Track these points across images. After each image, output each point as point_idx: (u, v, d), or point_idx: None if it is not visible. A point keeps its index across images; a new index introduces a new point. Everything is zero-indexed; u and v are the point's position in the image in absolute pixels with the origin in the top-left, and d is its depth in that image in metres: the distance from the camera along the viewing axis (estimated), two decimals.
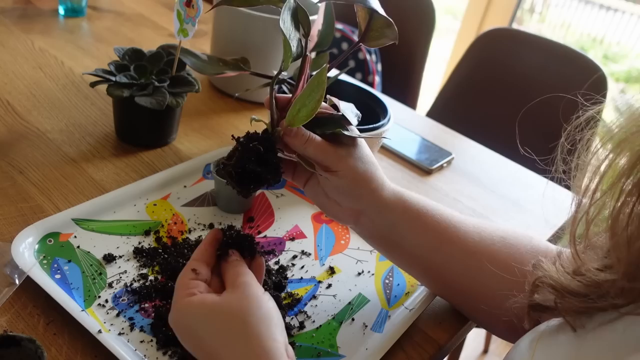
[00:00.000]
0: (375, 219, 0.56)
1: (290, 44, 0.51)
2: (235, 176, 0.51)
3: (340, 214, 0.57)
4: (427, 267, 0.58)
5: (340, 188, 0.54)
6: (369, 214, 0.56)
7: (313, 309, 0.60)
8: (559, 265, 0.47)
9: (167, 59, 0.80)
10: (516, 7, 2.42)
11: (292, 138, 0.52)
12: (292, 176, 0.58)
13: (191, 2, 0.72)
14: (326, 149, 0.53)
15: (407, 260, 0.59)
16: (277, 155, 0.52)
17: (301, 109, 0.49)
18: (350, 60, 1.62)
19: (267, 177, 0.52)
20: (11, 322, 0.52)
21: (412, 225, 0.56)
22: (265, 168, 0.51)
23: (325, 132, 0.53)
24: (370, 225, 0.57)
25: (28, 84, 0.91)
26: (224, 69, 0.60)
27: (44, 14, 1.18)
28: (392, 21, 0.52)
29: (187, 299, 0.47)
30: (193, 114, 0.93)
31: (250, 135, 0.52)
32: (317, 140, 0.52)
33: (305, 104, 0.49)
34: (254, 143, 0.51)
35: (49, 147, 0.77)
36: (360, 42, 0.55)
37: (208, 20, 1.26)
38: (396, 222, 0.56)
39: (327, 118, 0.54)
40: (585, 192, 0.43)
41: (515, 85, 1.38)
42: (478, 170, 0.97)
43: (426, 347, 0.59)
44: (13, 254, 0.56)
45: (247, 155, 0.51)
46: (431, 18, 1.57)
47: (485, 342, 1.72)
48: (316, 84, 0.48)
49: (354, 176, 0.54)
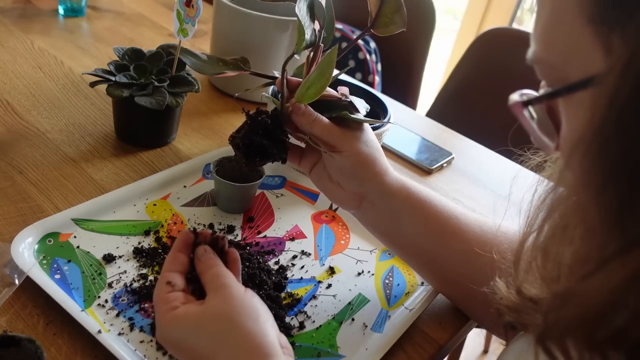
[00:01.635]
0: (378, 204, 0.57)
1: (305, 31, 0.53)
2: (242, 148, 0.53)
3: (344, 198, 0.58)
4: (427, 257, 0.59)
5: (345, 169, 0.55)
6: (371, 198, 0.57)
7: (313, 309, 0.60)
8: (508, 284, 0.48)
9: (167, 58, 0.80)
10: (516, 7, 2.42)
11: (300, 116, 0.54)
12: (299, 162, 0.59)
13: (191, 2, 0.72)
14: (332, 129, 0.54)
15: (407, 249, 0.60)
16: (284, 131, 0.54)
17: (310, 87, 0.52)
18: (350, 60, 1.62)
19: (273, 152, 0.53)
20: (11, 322, 0.52)
21: (413, 213, 0.57)
22: (271, 142, 0.53)
23: (332, 115, 0.55)
24: (372, 210, 0.58)
25: (27, 84, 0.91)
26: (224, 69, 0.60)
27: (43, 13, 1.18)
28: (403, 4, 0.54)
29: (171, 313, 0.46)
30: (193, 114, 0.93)
31: (260, 110, 0.54)
32: (324, 121, 0.54)
33: (314, 83, 0.51)
34: (262, 116, 0.53)
35: (49, 147, 0.77)
36: (370, 28, 0.56)
37: (208, 20, 1.26)
38: (398, 209, 0.57)
39: (336, 102, 0.56)
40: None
41: (515, 85, 1.37)
42: (478, 170, 0.97)
43: (426, 347, 0.59)
44: (13, 254, 0.56)
45: (256, 129, 0.53)
46: (431, 18, 1.57)
47: (485, 342, 1.72)
48: (326, 63, 0.50)
49: (358, 158, 0.55)
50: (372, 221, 0.59)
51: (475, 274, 0.56)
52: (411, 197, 0.57)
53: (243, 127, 0.54)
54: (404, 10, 0.55)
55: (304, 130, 0.55)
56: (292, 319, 0.58)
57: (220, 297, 0.47)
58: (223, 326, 0.45)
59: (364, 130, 0.56)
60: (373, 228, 0.60)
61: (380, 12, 0.55)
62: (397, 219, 0.57)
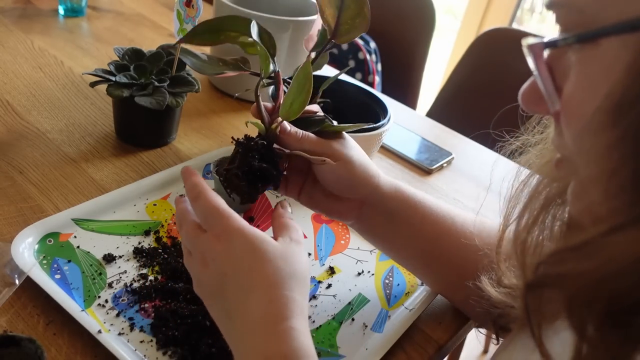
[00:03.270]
0: (377, 207, 0.57)
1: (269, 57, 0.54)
2: (242, 176, 0.52)
3: (343, 209, 0.58)
4: (423, 259, 0.59)
5: (342, 178, 0.55)
6: (370, 202, 0.57)
7: (313, 309, 0.60)
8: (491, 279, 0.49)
9: (167, 59, 0.80)
10: (516, 7, 2.42)
11: (288, 135, 0.54)
12: (285, 189, 0.58)
13: (191, 2, 0.72)
14: (321, 142, 0.54)
15: (404, 252, 0.60)
16: (275, 152, 0.54)
17: (293, 103, 0.51)
18: (350, 60, 1.62)
19: (274, 173, 0.53)
20: (11, 322, 0.52)
21: (410, 214, 0.57)
22: (269, 164, 0.53)
23: (314, 130, 0.56)
24: (371, 215, 0.58)
25: (28, 84, 0.91)
26: (224, 69, 0.60)
27: (43, 13, 1.18)
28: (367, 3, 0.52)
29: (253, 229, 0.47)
30: (193, 114, 0.93)
31: (248, 136, 0.54)
32: (311, 136, 0.54)
33: (296, 98, 0.51)
34: (254, 140, 0.52)
35: (49, 147, 0.77)
36: (332, 39, 0.55)
37: None
38: (395, 211, 0.57)
39: (311, 118, 0.56)
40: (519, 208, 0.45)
41: (515, 85, 1.37)
42: (478, 170, 0.97)
43: (426, 347, 0.59)
44: (13, 254, 0.56)
45: (251, 153, 0.52)
46: (431, 18, 1.57)
47: (485, 342, 1.72)
48: (303, 76, 0.50)
49: (352, 165, 0.55)
50: (370, 227, 0.59)
51: (472, 273, 0.56)
52: (407, 199, 0.57)
53: (235, 157, 0.53)
54: (367, 10, 0.52)
55: (294, 148, 0.54)
56: None
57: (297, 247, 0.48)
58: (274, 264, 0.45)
59: (346, 138, 0.57)
60: (370, 235, 0.60)
61: (340, 20, 0.54)
62: (394, 221, 0.57)
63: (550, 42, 0.32)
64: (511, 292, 0.46)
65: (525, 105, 0.37)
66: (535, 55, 0.33)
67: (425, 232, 0.57)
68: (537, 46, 0.32)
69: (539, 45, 0.32)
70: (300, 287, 0.45)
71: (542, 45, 0.32)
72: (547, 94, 0.34)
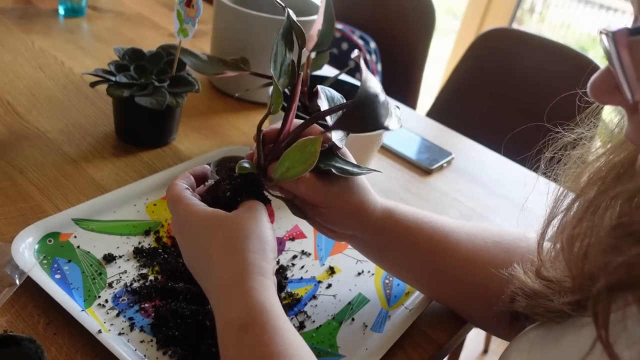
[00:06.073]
0: (368, 240, 0.57)
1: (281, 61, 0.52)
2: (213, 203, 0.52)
3: (334, 236, 0.58)
4: (421, 277, 0.59)
5: (333, 219, 0.54)
6: (361, 236, 0.57)
7: (313, 309, 0.60)
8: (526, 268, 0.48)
9: (167, 59, 0.80)
10: (516, 7, 2.42)
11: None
12: None
13: (191, 2, 0.72)
14: (317, 187, 0.52)
15: (401, 272, 0.61)
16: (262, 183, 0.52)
17: (290, 169, 0.49)
18: (350, 61, 1.62)
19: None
20: (11, 322, 0.52)
21: (402, 242, 0.56)
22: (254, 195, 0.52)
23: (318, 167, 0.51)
24: (362, 244, 0.58)
25: (28, 84, 0.91)
26: (224, 69, 0.60)
27: (44, 14, 1.18)
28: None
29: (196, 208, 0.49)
30: (193, 114, 0.93)
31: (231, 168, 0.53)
32: (307, 179, 0.51)
33: (294, 166, 0.49)
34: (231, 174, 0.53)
35: (49, 147, 0.77)
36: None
37: (208, 21, 1.26)
38: (387, 242, 0.57)
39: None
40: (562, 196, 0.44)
41: (515, 85, 1.38)
42: (478, 170, 0.97)
43: (426, 347, 0.59)
44: (13, 254, 0.56)
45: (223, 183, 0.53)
46: (431, 18, 1.57)
47: (485, 342, 1.72)
48: (309, 152, 0.48)
49: (345, 210, 0.53)
50: (363, 251, 0.60)
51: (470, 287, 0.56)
52: (399, 227, 0.56)
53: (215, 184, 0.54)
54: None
55: (288, 192, 0.53)
56: (292, 319, 0.58)
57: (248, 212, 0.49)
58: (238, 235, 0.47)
59: (351, 179, 0.54)
60: (365, 256, 0.61)
61: None
62: (388, 250, 0.57)
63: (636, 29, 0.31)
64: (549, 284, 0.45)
65: (596, 96, 0.35)
66: (617, 43, 0.31)
67: (419, 255, 0.57)
68: (620, 33, 0.31)
69: (622, 32, 0.31)
70: (257, 245, 0.47)
71: (627, 32, 0.31)
72: (628, 83, 0.32)
